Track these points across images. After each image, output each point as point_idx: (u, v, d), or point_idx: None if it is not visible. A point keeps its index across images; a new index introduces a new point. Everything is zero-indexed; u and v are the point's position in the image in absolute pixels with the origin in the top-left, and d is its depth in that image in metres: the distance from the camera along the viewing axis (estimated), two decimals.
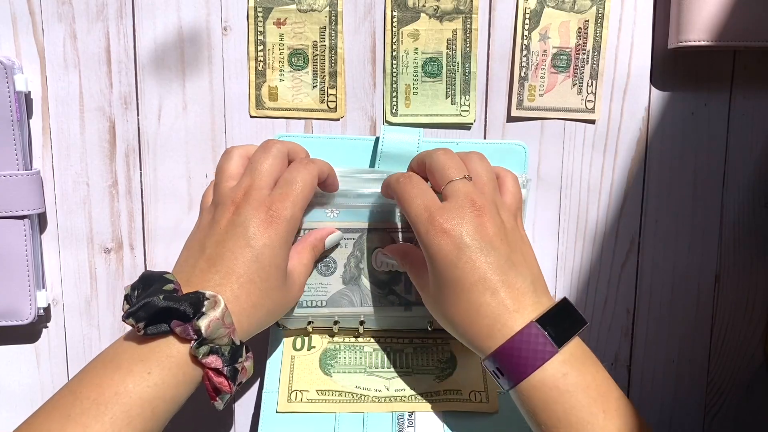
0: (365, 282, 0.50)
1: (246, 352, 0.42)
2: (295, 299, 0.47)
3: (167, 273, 0.42)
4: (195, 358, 0.39)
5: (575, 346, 0.42)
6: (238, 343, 0.41)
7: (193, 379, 0.40)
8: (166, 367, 0.39)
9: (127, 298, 0.41)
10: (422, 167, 0.47)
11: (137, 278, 0.42)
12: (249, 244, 0.42)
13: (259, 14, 0.51)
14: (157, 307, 0.38)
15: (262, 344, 0.52)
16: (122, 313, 0.40)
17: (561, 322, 0.42)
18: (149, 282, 0.41)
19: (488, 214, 0.43)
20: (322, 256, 0.50)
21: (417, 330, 0.52)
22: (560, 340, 0.41)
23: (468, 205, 0.43)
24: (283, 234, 0.43)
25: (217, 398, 0.40)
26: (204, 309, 0.39)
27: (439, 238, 0.42)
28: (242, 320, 0.42)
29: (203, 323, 0.39)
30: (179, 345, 0.39)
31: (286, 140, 0.48)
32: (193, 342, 0.39)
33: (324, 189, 0.48)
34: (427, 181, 0.46)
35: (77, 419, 0.37)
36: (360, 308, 0.51)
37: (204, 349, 0.39)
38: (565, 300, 0.44)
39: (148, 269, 0.46)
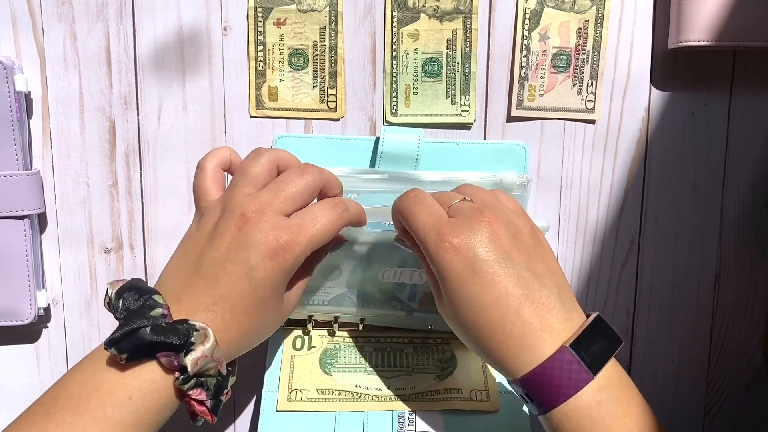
0: (369, 287, 0.50)
1: (231, 376, 0.40)
2: (285, 318, 0.44)
3: (156, 294, 0.38)
4: (179, 389, 0.37)
5: (611, 369, 0.39)
6: (224, 373, 0.39)
7: (175, 403, 0.38)
8: (148, 392, 0.37)
9: (110, 304, 0.39)
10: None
11: (125, 283, 0.39)
12: (249, 275, 0.38)
13: (259, 14, 0.51)
14: (143, 341, 0.36)
15: (262, 343, 0.51)
16: (103, 306, 0.37)
17: (595, 343, 0.38)
18: (138, 294, 0.38)
19: (500, 221, 0.40)
20: (330, 266, 0.49)
21: (417, 329, 0.52)
22: (595, 366, 0.38)
23: (477, 216, 0.40)
24: (287, 269, 0.39)
25: (196, 419, 0.39)
26: (193, 339, 0.36)
27: (450, 255, 0.39)
28: (230, 348, 0.39)
29: (190, 360, 0.36)
30: (162, 371, 0.37)
31: (325, 169, 0.44)
32: (177, 374, 0.37)
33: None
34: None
35: None
36: (361, 308, 0.51)
37: (189, 384, 0.37)
38: (598, 318, 0.40)
39: (136, 277, 0.43)
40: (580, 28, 0.52)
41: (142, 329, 0.36)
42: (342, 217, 0.42)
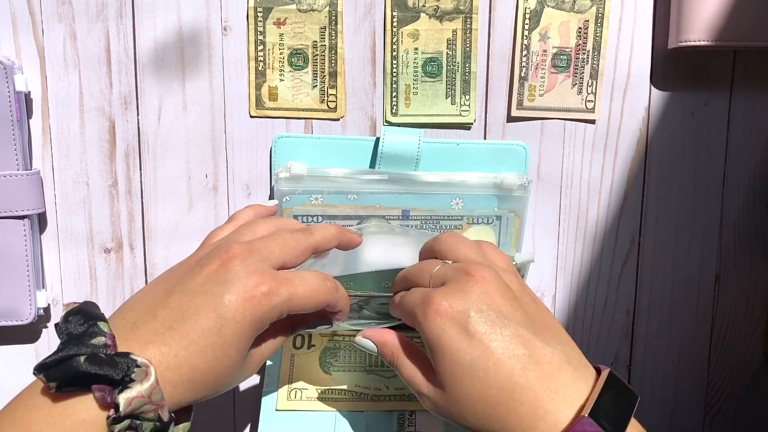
0: (366, 313, 0.49)
1: (175, 423, 0.36)
2: (245, 378, 0.40)
3: (102, 321, 0.35)
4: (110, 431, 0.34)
5: (630, 428, 0.36)
6: (166, 419, 0.34)
7: None
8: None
9: (57, 327, 0.36)
10: (406, 283, 0.44)
11: (76, 305, 0.37)
12: (217, 311, 0.35)
13: (259, 14, 0.51)
14: (76, 371, 0.32)
15: None
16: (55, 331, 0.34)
17: (614, 407, 0.35)
18: (83, 318, 0.35)
19: (489, 279, 0.38)
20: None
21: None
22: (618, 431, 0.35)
23: (465, 277, 0.38)
24: (260, 317, 0.36)
25: None
26: (133, 376, 0.33)
27: (441, 320, 0.37)
28: (176, 392, 0.35)
29: (123, 398, 0.32)
30: (98, 409, 0.33)
31: (321, 232, 0.42)
32: (111, 412, 0.33)
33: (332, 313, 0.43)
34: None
35: None
36: (360, 320, 0.49)
37: (121, 425, 0.33)
38: (611, 376, 0.36)
39: (91, 301, 0.39)
40: (580, 28, 0.52)
41: (76, 357, 0.33)
42: (330, 291, 0.40)
